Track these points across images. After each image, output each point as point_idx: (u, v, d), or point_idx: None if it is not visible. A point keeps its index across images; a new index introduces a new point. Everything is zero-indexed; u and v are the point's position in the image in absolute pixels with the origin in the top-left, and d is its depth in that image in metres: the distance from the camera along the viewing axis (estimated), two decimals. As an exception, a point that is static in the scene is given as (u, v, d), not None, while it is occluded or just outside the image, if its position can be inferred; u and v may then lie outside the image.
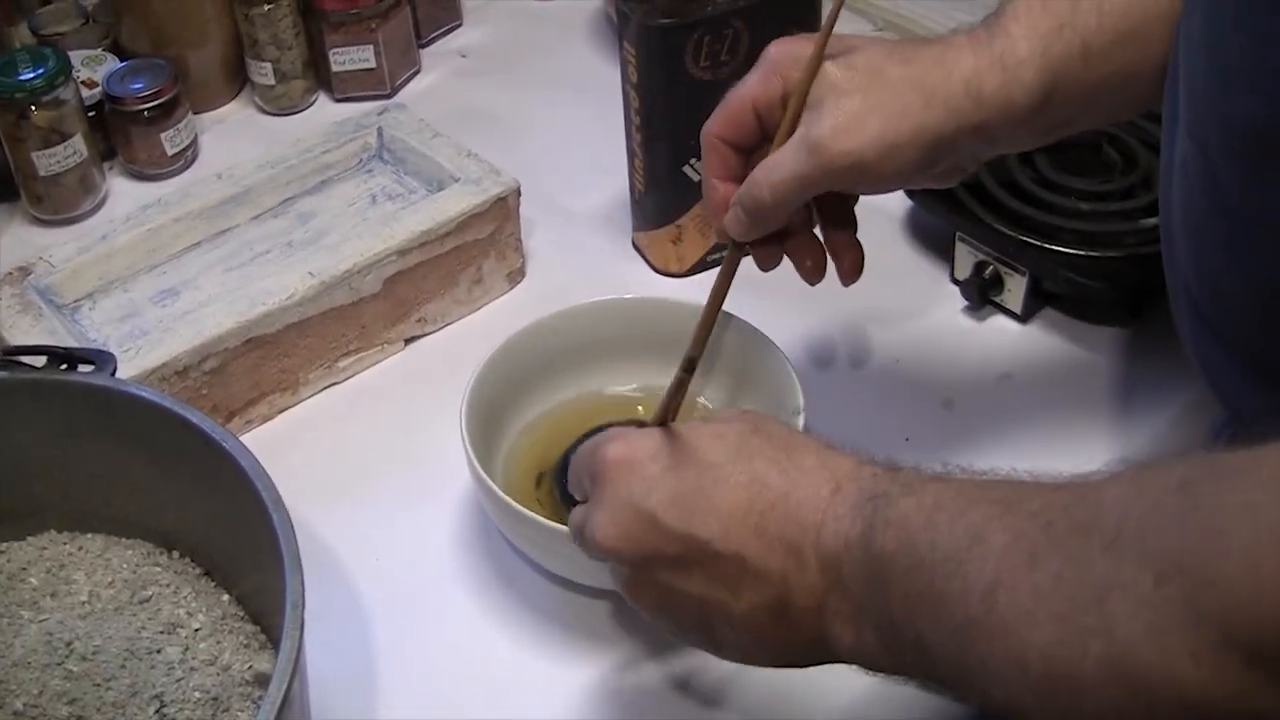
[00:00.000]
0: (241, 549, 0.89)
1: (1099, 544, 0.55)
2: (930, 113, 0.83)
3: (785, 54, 0.87)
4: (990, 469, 0.67)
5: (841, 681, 0.79)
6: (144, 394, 0.90)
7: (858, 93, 0.83)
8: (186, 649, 0.88)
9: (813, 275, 0.92)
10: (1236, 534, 0.50)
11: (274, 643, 0.87)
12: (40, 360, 0.93)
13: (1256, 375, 0.75)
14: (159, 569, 0.95)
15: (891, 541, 0.65)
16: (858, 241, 0.92)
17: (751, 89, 0.88)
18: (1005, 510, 0.61)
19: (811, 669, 0.74)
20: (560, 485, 1.00)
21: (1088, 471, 0.60)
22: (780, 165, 0.84)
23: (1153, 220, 1.11)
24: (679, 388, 0.81)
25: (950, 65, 0.84)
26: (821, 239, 0.92)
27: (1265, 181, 0.66)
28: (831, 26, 0.84)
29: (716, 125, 0.89)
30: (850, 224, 0.92)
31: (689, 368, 0.79)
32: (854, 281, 0.93)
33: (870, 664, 0.69)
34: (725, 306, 0.88)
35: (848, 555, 0.68)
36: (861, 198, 0.92)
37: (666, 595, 0.75)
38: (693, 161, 1.17)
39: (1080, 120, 0.89)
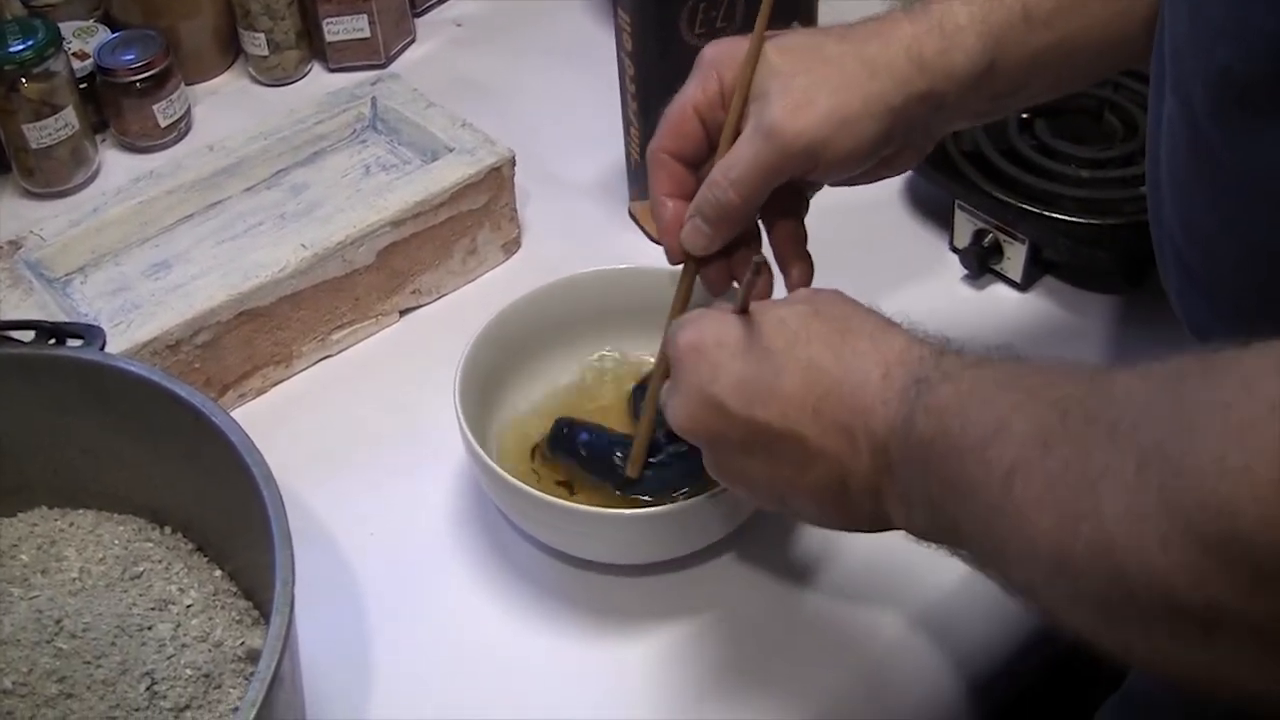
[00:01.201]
0: (233, 525, 0.88)
1: (1102, 432, 0.57)
2: (876, 82, 0.84)
3: (719, 54, 0.88)
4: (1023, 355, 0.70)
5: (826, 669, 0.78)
6: (133, 368, 0.90)
7: (800, 74, 0.84)
8: (178, 625, 0.88)
9: (763, 293, 0.91)
10: (1207, 428, 0.52)
11: (266, 618, 0.86)
12: (29, 335, 0.93)
13: (1243, 331, 0.74)
14: (150, 545, 0.94)
15: (931, 427, 0.68)
16: (807, 254, 0.92)
17: (691, 94, 0.88)
18: (1029, 398, 0.63)
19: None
20: (553, 443, 1.00)
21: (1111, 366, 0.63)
22: (739, 159, 0.85)
23: (1153, 186, 1.10)
24: (749, 286, 0.80)
25: (888, 35, 0.85)
26: (772, 247, 0.92)
27: (1248, 137, 0.66)
28: (768, 16, 0.85)
29: (661, 140, 0.90)
30: (800, 234, 0.92)
31: (758, 271, 0.79)
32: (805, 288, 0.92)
33: (926, 540, 0.73)
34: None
35: (894, 440, 0.71)
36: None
37: (741, 473, 0.79)
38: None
39: (1030, 88, 0.90)
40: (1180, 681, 0.59)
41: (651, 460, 0.95)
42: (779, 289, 0.91)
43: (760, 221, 0.92)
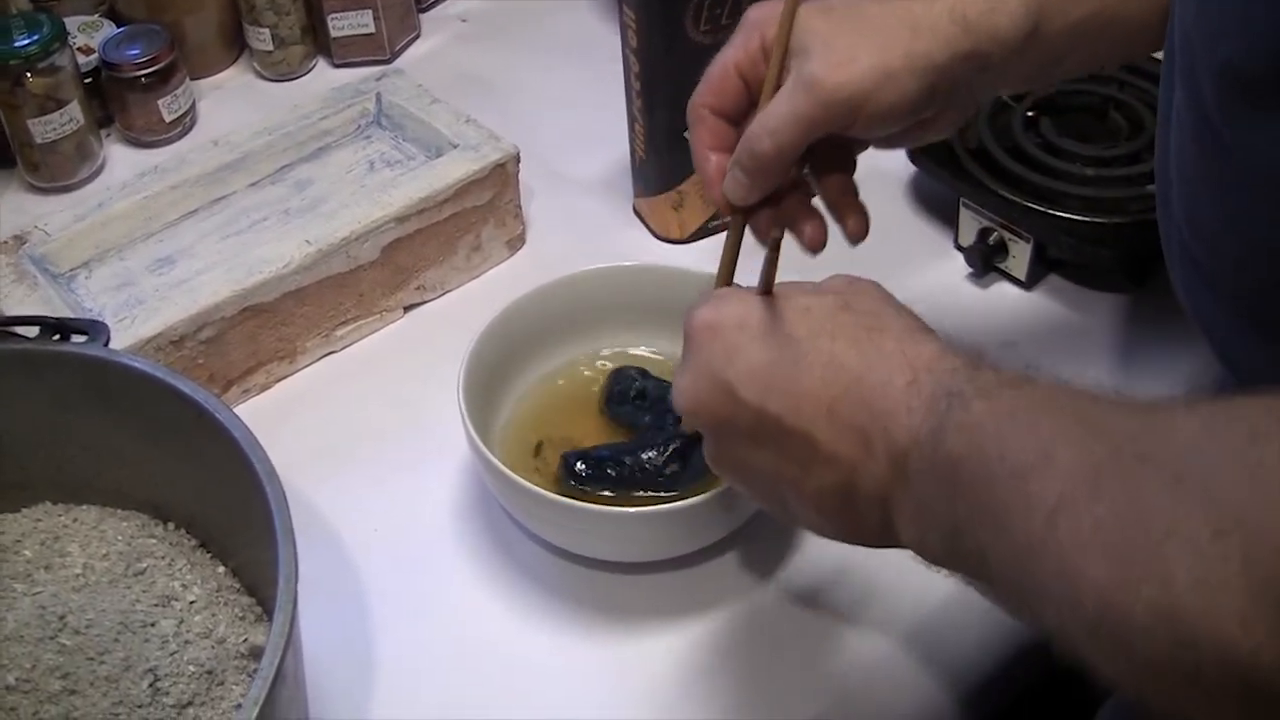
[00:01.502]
0: (236, 521, 0.88)
1: (1162, 482, 0.54)
2: (919, 41, 0.82)
3: (763, 14, 0.86)
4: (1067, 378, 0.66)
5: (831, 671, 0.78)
6: (136, 365, 0.90)
7: (843, 33, 0.82)
8: (181, 622, 0.88)
9: (814, 243, 0.90)
10: None
11: (269, 615, 0.86)
12: (33, 331, 0.92)
13: (1250, 328, 0.74)
14: (154, 541, 0.94)
15: (962, 445, 0.65)
16: (860, 202, 0.91)
17: (732, 53, 0.87)
18: (1075, 425, 0.60)
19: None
20: (568, 464, 1.00)
21: (1161, 397, 0.60)
22: (776, 111, 0.83)
23: (1158, 185, 1.10)
24: (769, 263, 0.79)
25: None
26: (824, 201, 0.91)
27: (1252, 132, 0.65)
28: None
29: (702, 95, 0.88)
30: (851, 186, 0.91)
31: (776, 247, 0.78)
32: (861, 241, 0.91)
33: (934, 563, 0.69)
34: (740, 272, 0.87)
35: (916, 451, 0.68)
36: (864, 164, 0.91)
37: (742, 465, 0.77)
38: (693, 127, 1.16)
39: (1071, 59, 0.88)
40: None
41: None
42: (835, 246, 0.90)
43: (811, 176, 0.90)
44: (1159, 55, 0.80)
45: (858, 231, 0.90)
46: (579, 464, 0.98)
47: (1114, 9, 0.85)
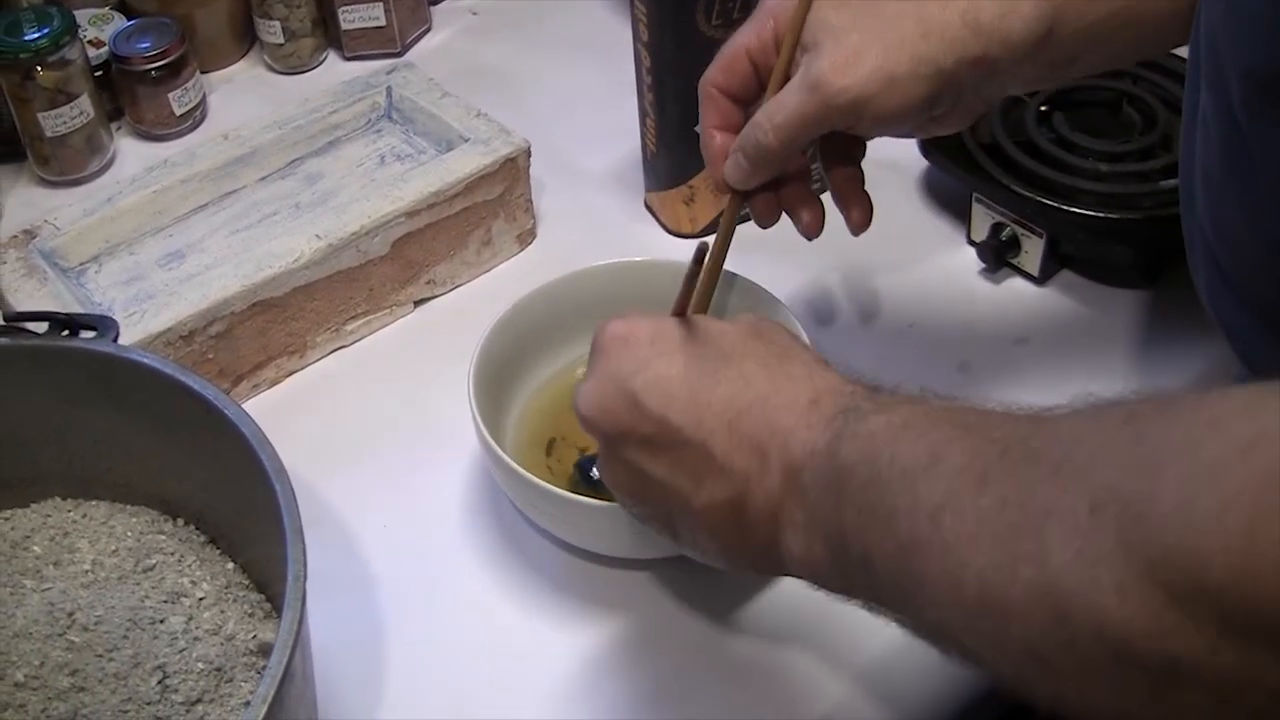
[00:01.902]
0: (245, 517, 0.88)
1: (1046, 472, 0.55)
2: (928, 44, 0.82)
3: (778, 2, 0.87)
4: (964, 397, 0.68)
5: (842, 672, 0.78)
6: (145, 360, 0.89)
7: (854, 29, 0.83)
8: (190, 618, 0.88)
9: (810, 229, 0.91)
10: (1173, 469, 0.49)
11: (279, 611, 0.86)
12: (42, 326, 0.92)
13: (1273, 331, 0.74)
14: (163, 537, 0.94)
15: (855, 454, 0.66)
16: (865, 192, 0.91)
17: (745, 37, 0.88)
18: (966, 433, 0.62)
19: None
20: (583, 470, 1.00)
21: (1053, 405, 0.61)
22: (783, 106, 0.84)
23: (1172, 182, 1.10)
24: (689, 280, 0.80)
25: None
26: (831, 190, 0.91)
27: (1276, 130, 0.65)
28: None
29: (712, 75, 0.89)
30: (858, 175, 0.92)
31: (699, 258, 0.79)
32: (864, 231, 0.92)
33: (817, 578, 0.71)
34: (736, 268, 0.87)
35: (811, 463, 0.69)
36: (876, 158, 0.91)
37: (634, 475, 0.77)
38: (705, 121, 1.16)
39: (1084, 59, 0.88)
40: None
41: None
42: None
43: (819, 164, 0.92)
44: (1175, 51, 0.80)
45: (861, 221, 0.91)
46: (595, 469, 0.98)
47: (1131, 10, 0.85)
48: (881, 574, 0.64)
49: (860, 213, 0.91)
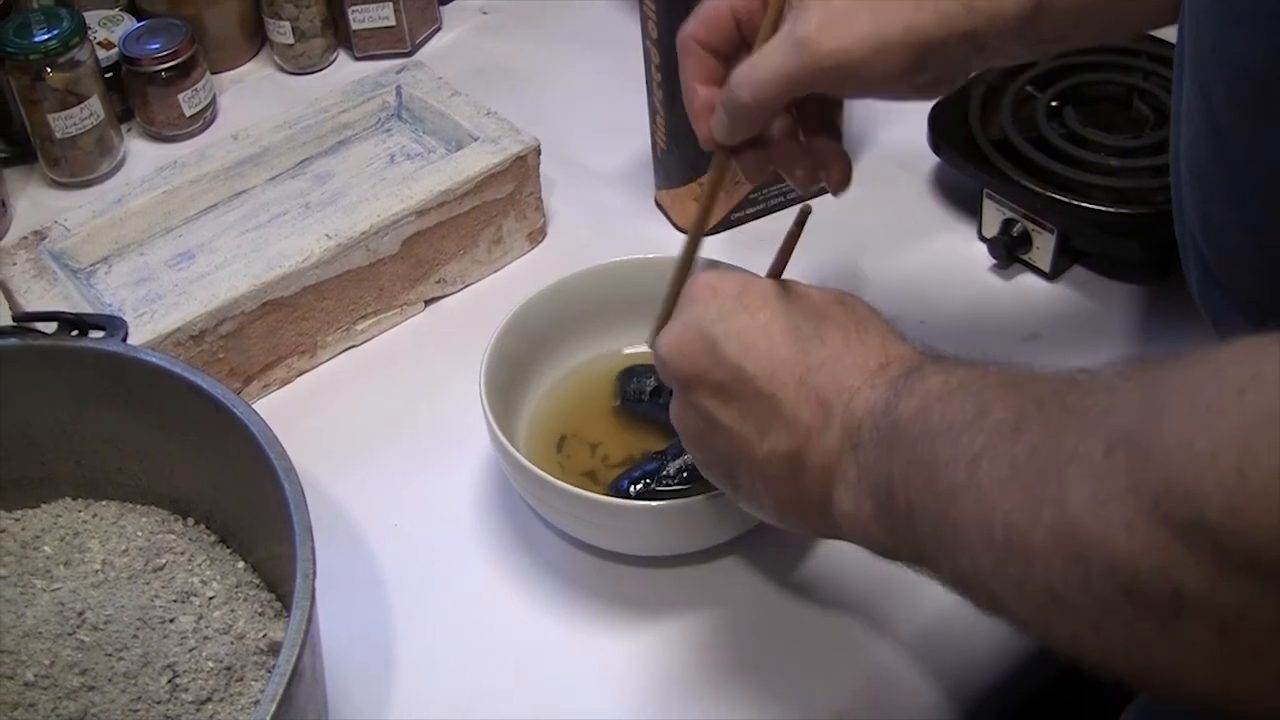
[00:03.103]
0: (255, 516, 0.88)
1: (1074, 420, 0.57)
2: (920, 14, 0.81)
3: None
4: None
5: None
6: (155, 360, 0.89)
7: None
8: (200, 618, 0.88)
9: (805, 183, 0.91)
10: (1175, 412, 0.51)
11: (289, 610, 0.86)
12: (51, 326, 0.92)
13: (1260, 325, 0.74)
14: (173, 536, 0.94)
15: (910, 409, 0.68)
16: (844, 151, 0.91)
17: None
18: (1012, 390, 0.63)
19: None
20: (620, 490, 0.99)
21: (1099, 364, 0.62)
22: (764, 62, 0.83)
23: (1183, 176, 1.09)
24: (789, 242, 0.82)
25: None
26: (809, 150, 0.91)
27: (1265, 128, 0.65)
28: None
29: (692, 27, 0.88)
30: (836, 134, 0.92)
31: (801, 221, 0.80)
32: (844, 191, 0.91)
33: (865, 536, 0.72)
34: (748, 265, 0.87)
35: (869, 421, 0.71)
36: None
37: (703, 420, 0.79)
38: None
39: (1073, 35, 0.88)
40: (1127, 679, 0.57)
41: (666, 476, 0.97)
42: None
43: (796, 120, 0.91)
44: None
45: (841, 179, 0.91)
46: (631, 487, 0.97)
47: None
48: (921, 523, 0.66)
49: (840, 169, 0.91)
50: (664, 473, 0.96)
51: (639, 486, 0.96)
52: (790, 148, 0.90)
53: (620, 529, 0.94)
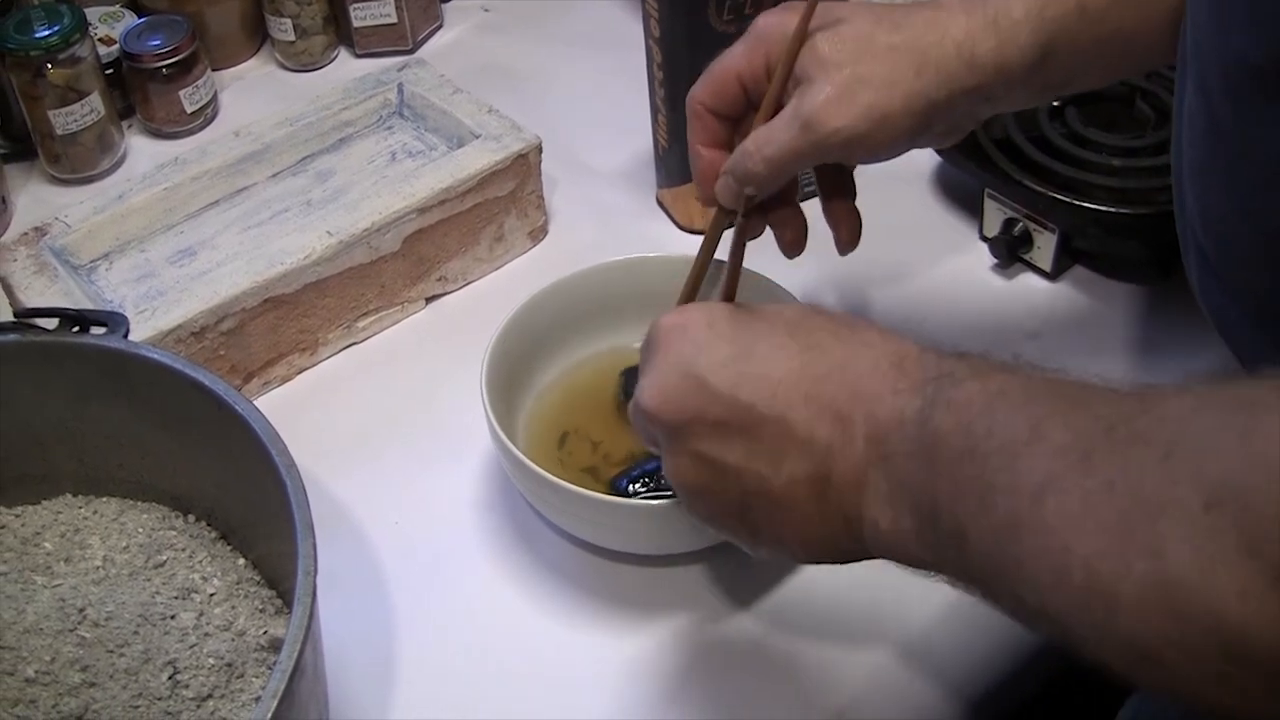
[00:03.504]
0: (256, 513, 0.88)
1: (1155, 457, 0.53)
2: (922, 80, 0.82)
3: (771, 26, 0.86)
4: (1059, 368, 0.65)
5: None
6: (156, 356, 0.89)
7: (847, 65, 0.82)
8: (201, 614, 0.88)
9: (791, 248, 0.92)
10: None
11: (289, 607, 0.86)
12: (52, 323, 0.92)
13: (1262, 322, 0.74)
14: (174, 533, 0.94)
15: (948, 422, 0.64)
16: (855, 210, 0.92)
17: (736, 61, 0.87)
18: (1070, 408, 0.59)
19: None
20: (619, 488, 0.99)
21: (1158, 384, 0.59)
22: (773, 139, 0.84)
23: (1185, 176, 1.09)
24: (736, 261, 0.82)
25: (942, 29, 0.83)
26: (823, 208, 0.92)
27: (1263, 123, 0.65)
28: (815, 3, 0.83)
29: (701, 93, 0.89)
30: (849, 193, 0.92)
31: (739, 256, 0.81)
32: (851, 250, 0.92)
33: (902, 552, 0.68)
34: (749, 263, 0.87)
35: (899, 431, 0.67)
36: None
37: (705, 467, 0.74)
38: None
39: (1079, 80, 0.89)
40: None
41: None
42: (776, 257, 0.90)
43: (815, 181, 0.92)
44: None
45: (849, 240, 0.92)
46: (630, 486, 0.97)
47: (1128, 31, 0.85)
48: (976, 552, 0.62)
49: (849, 231, 0.92)
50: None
51: (639, 485, 0.96)
52: (786, 212, 0.91)
53: (620, 527, 0.94)
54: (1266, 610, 0.48)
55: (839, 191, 0.92)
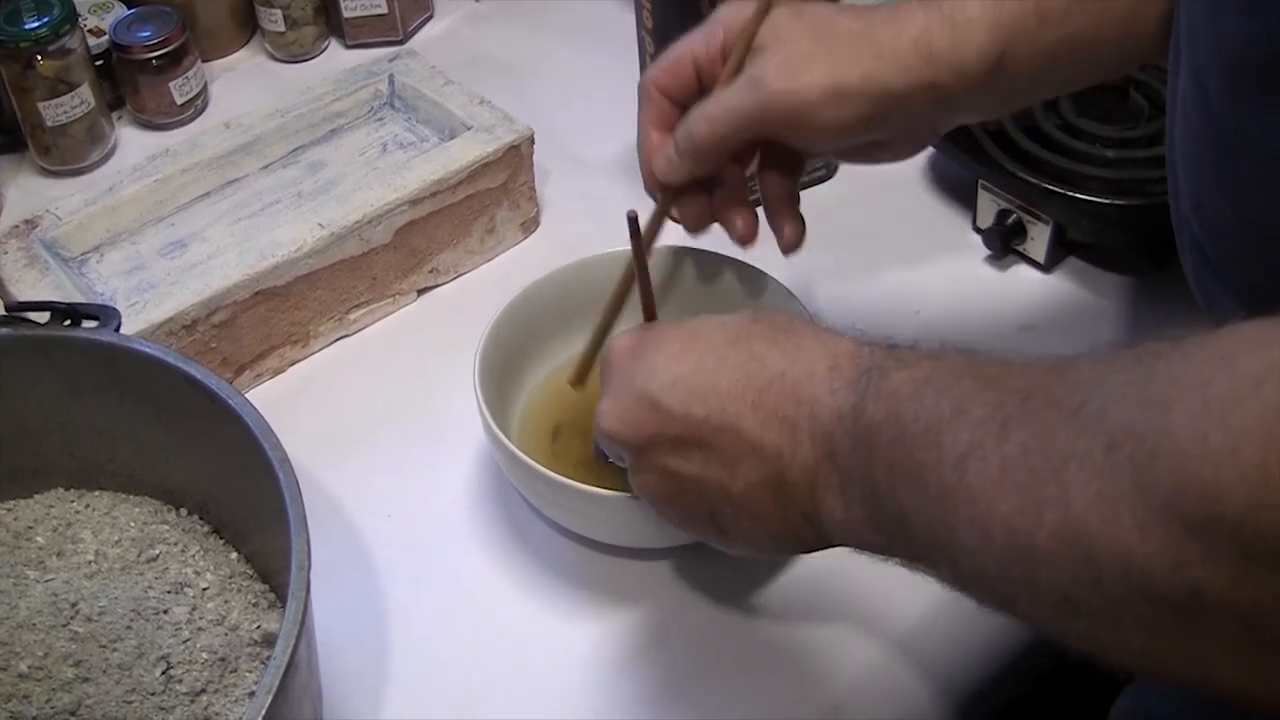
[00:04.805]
0: (248, 507, 0.88)
1: (1064, 416, 0.56)
2: (880, 64, 0.83)
3: (731, 13, 0.88)
4: (986, 349, 0.67)
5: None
6: (148, 350, 0.89)
7: (805, 38, 0.84)
8: (194, 608, 0.87)
9: (744, 238, 0.92)
10: (1183, 406, 0.50)
11: (283, 601, 0.86)
12: (43, 316, 0.92)
13: (1255, 311, 0.74)
14: (167, 527, 0.94)
15: (880, 412, 0.66)
16: (799, 214, 0.92)
17: (693, 43, 0.89)
18: (987, 385, 0.62)
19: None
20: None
21: (1075, 354, 0.61)
22: (720, 101, 0.85)
23: (1179, 167, 1.09)
24: (644, 274, 0.86)
25: (900, 23, 0.84)
26: (764, 205, 0.92)
27: (1259, 117, 0.65)
28: None
29: (654, 74, 0.90)
30: (792, 193, 0.92)
31: (635, 232, 0.85)
32: (795, 251, 0.93)
33: (859, 540, 0.71)
34: (744, 254, 0.88)
35: (839, 428, 0.69)
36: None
37: (669, 480, 0.77)
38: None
39: (1041, 86, 0.90)
40: (1144, 674, 0.56)
41: None
42: (772, 249, 0.91)
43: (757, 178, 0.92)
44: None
45: (792, 240, 0.93)
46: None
47: (1087, 35, 0.85)
48: (916, 528, 0.64)
49: (792, 230, 0.92)
50: None
51: None
52: (733, 198, 0.91)
53: (611, 520, 0.94)
54: (1164, 541, 0.50)
55: (782, 190, 0.92)
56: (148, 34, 1.35)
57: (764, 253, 0.94)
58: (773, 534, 0.75)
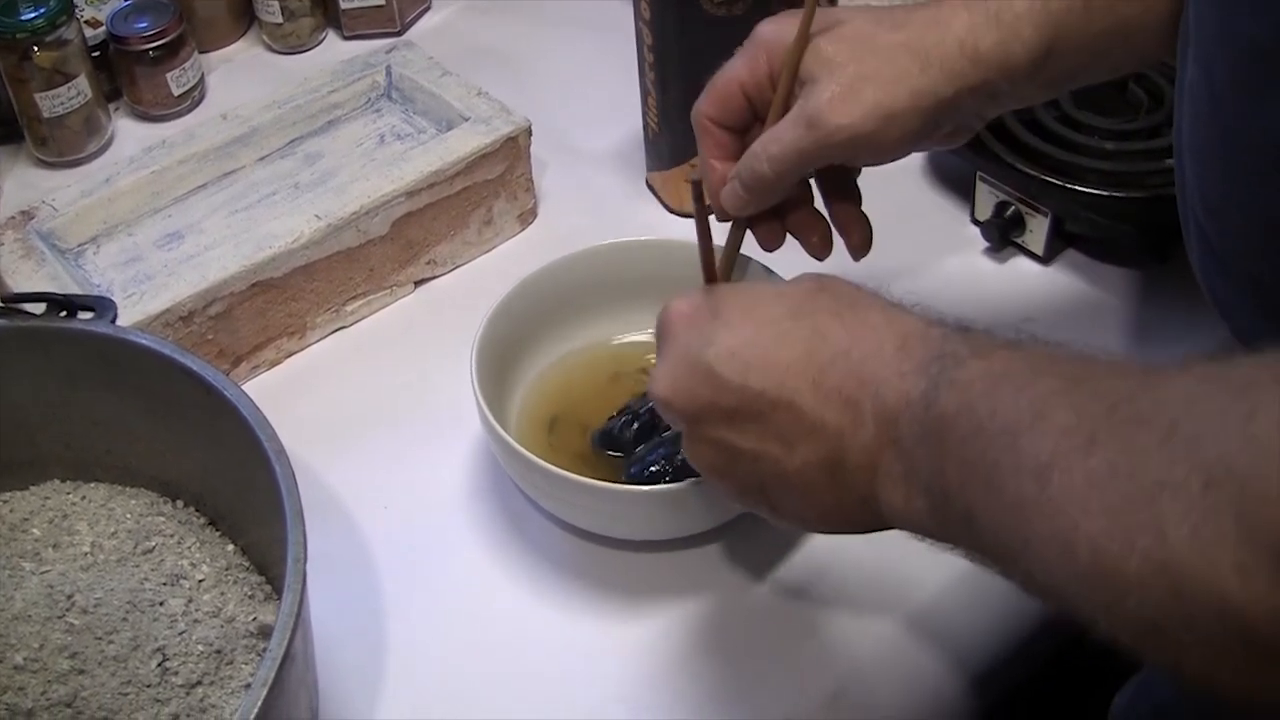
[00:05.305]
0: (245, 499, 0.87)
1: (1155, 437, 0.53)
2: (926, 76, 0.82)
3: (771, 34, 0.86)
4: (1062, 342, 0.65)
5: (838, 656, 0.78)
6: (144, 341, 0.89)
7: (850, 63, 0.82)
8: (190, 600, 0.87)
9: (820, 250, 0.91)
10: None
11: (279, 593, 0.85)
12: (40, 308, 0.92)
13: (1260, 303, 0.74)
14: (163, 519, 0.93)
15: (953, 404, 0.64)
16: (864, 215, 0.91)
17: (738, 71, 0.87)
18: (1072, 386, 0.59)
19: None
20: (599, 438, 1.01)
21: (1160, 361, 0.59)
22: (779, 139, 0.83)
23: (1178, 159, 1.09)
24: (706, 240, 0.82)
25: (944, 25, 0.83)
26: (829, 214, 0.91)
27: (1265, 104, 0.65)
28: (815, 2, 0.83)
29: (705, 106, 0.89)
30: (854, 197, 0.91)
31: (699, 195, 0.81)
32: (864, 255, 0.91)
33: (918, 530, 0.69)
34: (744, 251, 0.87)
35: (907, 413, 0.67)
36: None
37: (722, 452, 0.75)
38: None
39: (1085, 73, 0.88)
40: (1225, 697, 0.54)
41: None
42: (840, 252, 0.91)
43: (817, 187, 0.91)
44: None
45: (861, 244, 0.91)
46: (645, 472, 0.97)
47: (1128, 24, 0.84)
48: (986, 532, 0.62)
49: (860, 235, 0.91)
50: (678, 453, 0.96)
51: (655, 469, 0.96)
52: (805, 216, 0.90)
53: (607, 512, 0.94)
54: (1265, 589, 0.48)
55: (843, 197, 0.91)
56: (145, 25, 1.35)
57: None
58: (824, 514, 0.74)
